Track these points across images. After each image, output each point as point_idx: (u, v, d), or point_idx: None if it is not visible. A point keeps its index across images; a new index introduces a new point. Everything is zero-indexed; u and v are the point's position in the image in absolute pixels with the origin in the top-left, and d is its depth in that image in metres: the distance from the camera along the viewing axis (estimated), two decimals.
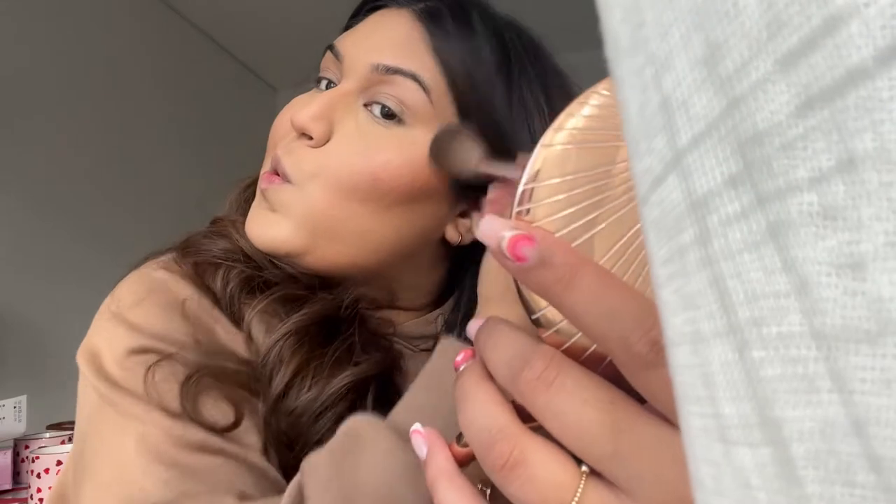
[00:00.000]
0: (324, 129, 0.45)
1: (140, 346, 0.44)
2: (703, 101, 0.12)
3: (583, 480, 0.22)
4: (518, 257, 0.21)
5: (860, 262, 0.10)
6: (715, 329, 0.13)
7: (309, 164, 0.45)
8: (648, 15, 0.13)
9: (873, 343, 0.10)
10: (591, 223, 0.23)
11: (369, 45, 0.47)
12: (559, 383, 0.22)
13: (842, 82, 0.09)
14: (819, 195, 0.10)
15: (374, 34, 0.48)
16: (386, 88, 0.46)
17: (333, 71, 0.49)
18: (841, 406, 0.10)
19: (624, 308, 0.21)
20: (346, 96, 0.46)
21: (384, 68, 0.45)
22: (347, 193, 0.45)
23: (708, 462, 0.13)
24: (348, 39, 0.49)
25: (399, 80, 0.45)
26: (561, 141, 0.24)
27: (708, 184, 0.12)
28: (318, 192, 0.44)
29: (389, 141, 0.45)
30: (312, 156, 0.45)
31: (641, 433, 0.21)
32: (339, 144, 0.45)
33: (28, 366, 1.62)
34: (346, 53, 0.48)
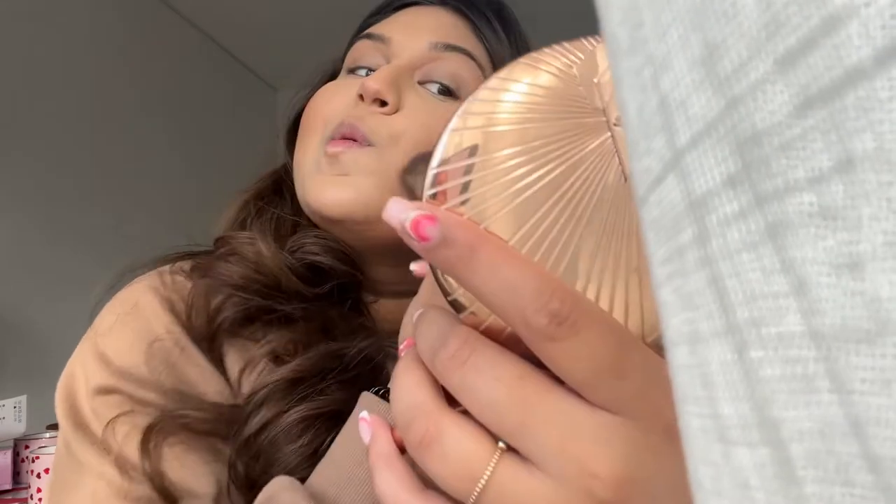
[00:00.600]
0: (396, 96, 0.46)
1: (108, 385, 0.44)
2: (701, 101, 0.12)
3: (497, 455, 0.22)
4: (421, 237, 0.22)
5: (859, 263, 0.10)
6: (713, 329, 0.13)
7: (388, 129, 0.45)
8: (647, 15, 0.13)
9: (872, 343, 0.10)
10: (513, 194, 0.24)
11: (420, 28, 0.48)
12: (472, 362, 0.23)
13: (840, 83, 0.09)
14: (818, 195, 0.10)
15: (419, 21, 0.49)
16: (442, 65, 0.47)
17: (374, 56, 0.49)
18: (840, 406, 0.10)
19: (522, 282, 0.21)
20: (405, 70, 0.47)
21: (442, 45, 0.47)
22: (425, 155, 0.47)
23: (706, 462, 0.13)
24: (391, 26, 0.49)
25: (455, 56, 0.47)
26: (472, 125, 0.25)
27: (707, 184, 0.12)
28: (400, 156, 0.45)
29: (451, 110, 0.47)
30: (390, 121, 0.46)
31: (550, 406, 0.22)
32: (412, 114, 0.46)
33: (28, 366, 1.62)
34: (395, 36, 0.48)
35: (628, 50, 0.14)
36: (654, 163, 0.14)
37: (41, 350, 1.65)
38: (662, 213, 0.14)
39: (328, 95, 0.49)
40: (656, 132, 0.13)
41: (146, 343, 0.46)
